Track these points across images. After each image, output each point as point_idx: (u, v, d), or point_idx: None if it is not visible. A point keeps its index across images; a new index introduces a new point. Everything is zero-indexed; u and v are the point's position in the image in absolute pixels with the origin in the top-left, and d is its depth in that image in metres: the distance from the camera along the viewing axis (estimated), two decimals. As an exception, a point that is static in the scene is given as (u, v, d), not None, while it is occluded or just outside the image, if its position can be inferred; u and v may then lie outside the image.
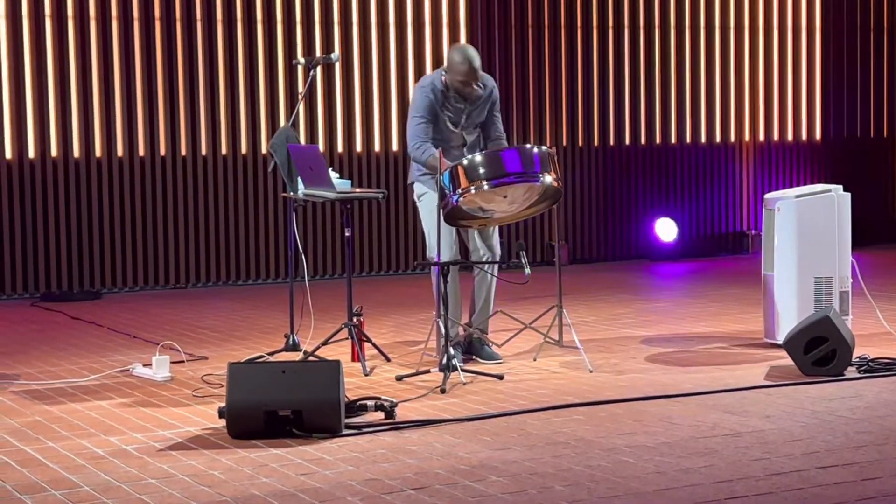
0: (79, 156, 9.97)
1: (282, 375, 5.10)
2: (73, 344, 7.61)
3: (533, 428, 5.22)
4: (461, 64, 6.55)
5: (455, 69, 6.58)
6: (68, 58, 9.90)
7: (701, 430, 5.11)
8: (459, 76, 6.58)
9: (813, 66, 12.68)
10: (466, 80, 6.58)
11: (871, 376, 6.15)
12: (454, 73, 6.58)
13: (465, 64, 6.55)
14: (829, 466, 4.53)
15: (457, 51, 6.64)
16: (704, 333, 7.66)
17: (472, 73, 6.57)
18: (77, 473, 4.60)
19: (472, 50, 6.64)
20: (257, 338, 7.71)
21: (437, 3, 11.06)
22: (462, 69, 6.56)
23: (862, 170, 12.74)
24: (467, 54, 6.58)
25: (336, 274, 10.76)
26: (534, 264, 7.80)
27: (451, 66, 6.61)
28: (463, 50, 6.62)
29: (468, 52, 6.60)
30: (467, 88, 6.62)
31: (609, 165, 11.87)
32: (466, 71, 6.56)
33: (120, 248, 10.12)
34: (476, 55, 6.61)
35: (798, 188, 7.21)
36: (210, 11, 10.30)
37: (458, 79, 6.59)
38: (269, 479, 4.49)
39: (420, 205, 6.87)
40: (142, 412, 5.64)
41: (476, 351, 6.80)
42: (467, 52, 6.60)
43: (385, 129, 10.93)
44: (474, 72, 6.57)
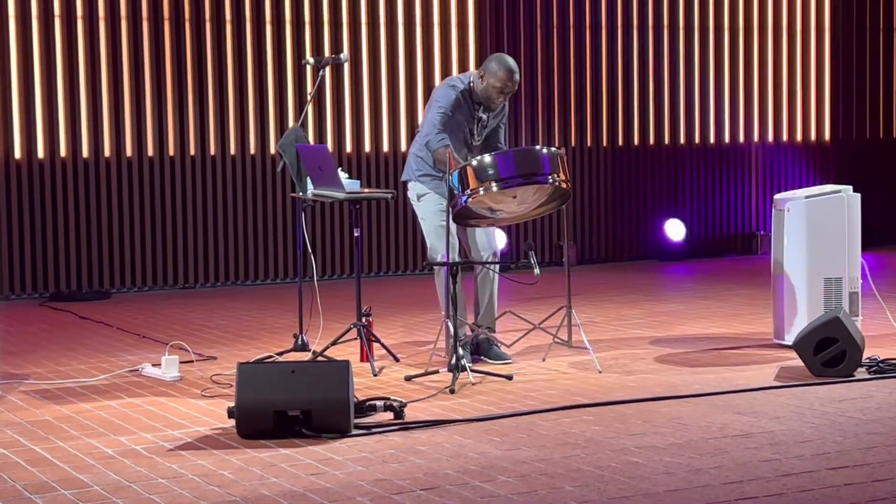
0: (88, 156, 9.98)
1: (291, 375, 5.10)
2: (83, 344, 7.62)
3: (542, 428, 5.22)
4: (505, 72, 6.61)
5: (496, 75, 6.62)
6: (77, 58, 9.91)
7: (711, 431, 5.11)
8: (498, 81, 6.62)
9: (822, 66, 12.66)
10: (503, 87, 6.63)
11: (881, 377, 6.13)
12: (494, 78, 6.62)
13: (508, 72, 6.60)
14: (839, 467, 4.52)
15: (500, 59, 6.68)
16: (714, 334, 7.65)
17: (512, 82, 6.63)
18: (87, 473, 4.61)
19: (514, 63, 6.69)
20: (266, 338, 7.71)
21: (447, 4, 11.05)
22: (503, 76, 6.60)
23: (871, 171, 12.71)
24: (510, 63, 6.64)
25: (345, 274, 10.77)
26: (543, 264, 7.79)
27: (491, 72, 6.64)
28: (506, 59, 6.67)
29: (510, 61, 6.66)
30: (500, 98, 6.67)
31: (618, 166, 11.86)
32: (507, 78, 6.60)
33: (129, 248, 10.13)
34: (517, 67, 6.67)
35: (808, 189, 7.20)
36: (219, 12, 10.30)
37: (496, 84, 6.62)
38: (279, 479, 4.49)
39: (419, 205, 6.88)
40: (151, 412, 5.65)
41: (484, 351, 6.80)
42: (510, 61, 6.66)
43: (394, 129, 10.94)
44: (514, 82, 6.64)
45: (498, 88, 6.64)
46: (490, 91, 6.66)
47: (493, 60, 6.69)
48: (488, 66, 6.67)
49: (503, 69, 6.61)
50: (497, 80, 6.62)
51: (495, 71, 6.62)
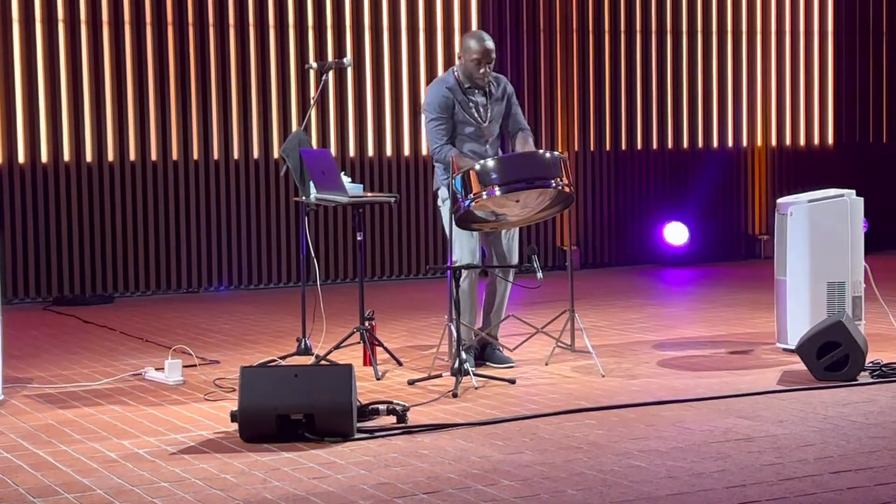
0: (91, 160, 9.99)
1: (294, 379, 5.11)
2: (86, 348, 7.63)
3: (545, 432, 5.22)
4: (476, 42, 6.65)
5: (470, 49, 6.66)
6: (81, 62, 9.93)
7: (714, 435, 5.10)
8: (474, 54, 6.64)
9: (825, 70, 12.66)
10: (480, 58, 6.64)
11: (884, 381, 6.13)
12: (469, 53, 6.65)
13: (481, 43, 6.64)
14: (842, 471, 4.52)
15: (470, 34, 6.79)
16: (717, 338, 7.64)
17: (487, 52, 6.64)
18: (90, 477, 4.61)
19: (486, 34, 6.75)
20: (269, 342, 7.71)
21: (450, 8, 11.06)
22: (477, 48, 6.63)
23: (874, 175, 12.70)
24: (480, 35, 6.71)
25: (348, 278, 10.77)
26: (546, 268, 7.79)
27: (465, 48, 6.69)
28: (478, 32, 6.77)
29: (482, 34, 6.73)
30: (480, 69, 6.65)
31: (621, 170, 11.86)
32: (482, 49, 6.63)
33: (132, 253, 10.13)
34: (490, 38, 6.70)
35: (811, 193, 7.20)
36: (222, 16, 10.32)
37: (472, 57, 6.64)
38: (282, 482, 4.49)
39: (442, 210, 6.88)
40: (154, 416, 5.65)
41: (488, 355, 6.80)
42: (482, 34, 6.73)
43: (397, 134, 10.94)
44: (488, 52, 6.65)
45: (476, 60, 6.65)
46: (470, 67, 6.68)
47: (465, 38, 6.76)
48: (463, 45, 6.74)
49: (474, 41, 6.66)
50: (472, 52, 6.64)
51: (468, 46, 6.67)
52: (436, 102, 6.72)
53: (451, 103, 6.71)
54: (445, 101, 6.70)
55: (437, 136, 6.72)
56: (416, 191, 11.00)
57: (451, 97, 6.71)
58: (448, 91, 6.71)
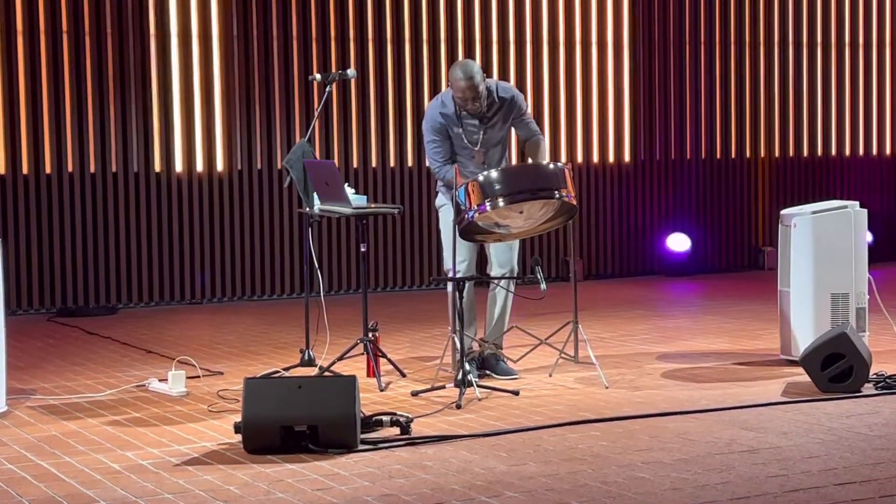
0: (95, 171, 10.00)
1: (298, 391, 5.11)
2: (89, 359, 7.63)
3: (549, 444, 5.21)
4: (459, 80, 6.51)
5: (454, 85, 6.56)
6: (85, 73, 9.94)
7: (717, 447, 5.10)
8: (458, 92, 6.55)
9: (828, 80, 12.66)
10: (465, 96, 6.53)
11: (888, 393, 6.12)
12: (454, 88, 6.56)
13: (463, 80, 6.50)
14: (846, 483, 4.52)
15: (456, 67, 6.60)
16: (720, 350, 7.64)
17: (471, 88, 6.49)
18: (93, 488, 4.61)
19: (472, 64, 6.58)
20: (273, 353, 7.71)
21: (453, 19, 11.07)
22: (460, 85, 6.51)
23: (878, 186, 12.70)
24: (465, 69, 6.52)
25: (351, 289, 10.77)
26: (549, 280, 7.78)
27: (451, 82, 6.59)
28: (461, 65, 6.58)
29: (466, 67, 6.55)
30: (468, 105, 6.60)
31: (624, 181, 11.86)
32: (464, 87, 6.50)
33: (136, 264, 10.14)
34: (474, 70, 6.51)
35: (814, 204, 7.20)
36: (227, 27, 10.34)
37: (458, 95, 6.56)
38: (285, 494, 4.49)
39: (440, 215, 6.88)
40: (158, 427, 5.65)
41: (491, 366, 6.79)
42: (465, 67, 6.55)
43: (400, 145, 10.95)
44: (473, 88, 6.49)
45: (461, 98, 6.56)
46: (458, 100, 6.62)
47: (451, 72, 6.60)
48: (449, 77, 6.62)
49: (457, 79, 6.51)
50: (457, 90, 6.55)
51: (452, 81, 6.56)
52: (430, 127, 6.71)
53: (444, 127, 6.68)
54: (440, 126, 6.68)
55: (435, 156, 6.71)
56: (419, 202, 11.01)
57: (444, 123, 6.67)
58: (441, 116, 6.67)
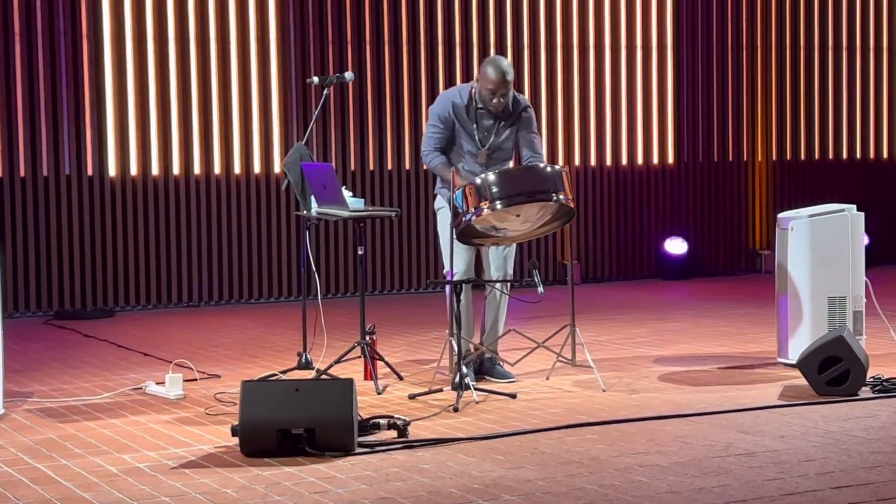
0: (92, 174, 10.00)
1: (295, 394, 5.10)
2: (87, 362, 7.62)
3: (546, 447, 5.21)
4: (493, 73, 6.57)
5: (486, 77, 6.59)
6: (82, 74, 9.94)
7: (715, 450, 5.10)
8: (489, 84, 6.58)
9: (825, 83, 12.67)
10: (495, 88, 6.58)
11: (885, 396, 6.13)
12: (485, 80, 6.60)
13: (498, 73, 6.56)
14: (843, 486, 4.52)
15: (491, 61, 6.68)
16: (718, 353, 7.64)
17: (503, 84, 6.57)
18: (90, 491, 4.61)
19: (506, 62, 6.68)
20: (270, 356, 7.71)
21: (451, 22, 11.08)
22: (493, 77, 6.56)
23: (876, 190, 12.71)
24: (501, 65, 6.61)
25: (349, 292, 10.77)
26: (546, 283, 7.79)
27: (483, 75, 6.63)
28: (497, 61, 6.67)
29: (502, 63, 6.64)
30: (493, 99, 6.61)
31: (621, 184, 11.86)
32: (497, 80, 6.56)
33: (133, 267, 10.13)
34: (509, 69, 6.63)
35: (811, 208, 7.20)
36: (224, 30, 10.34)
37: (487, 87, 6.59)
38: (283, 497, 4.49)
39: (438, 218, 6.88)
40: (155, 430, 5.65)
41: (488, 370, 6.79)
42: (501, 63, 6.64)
43: (398, 148, 10.95)
44: (505, 83, 6.57)
45: (490, 90, 6.60)
46: (484, 94, 6.64)
47: (485, 64, 6.67)
48: (482, 70, 6.66)
49: (492, 71, 6.57)
50: (488, 82, 6.59)
51: (486, 73, 6.60)
52: (437, 112, 6.74)
53: (451, 120, 6.70)
54: (446, 117, 6.70)
55: (430, 141, 6.74)
56: (417, 205, 11.01)
57: (451, 115, 6.69)
58: (453, 108, 6.70)
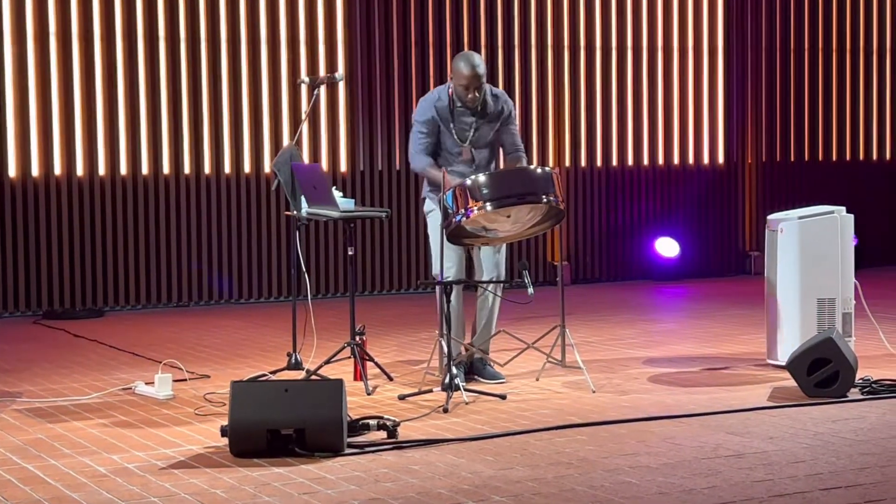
0: (83, 174, 9.98)
1: (284, 394, 5.10)
2: (76, 362, 7.61)
3: (536, 448, 5.21)
4: (464, 68, 6.58)
5: (458, 73, 6.61)
6: (73, 76, 9.92)
7: (704, 451, 5.11)
8: (462, 80, 6.60)
9: (815, 85, 12.69)
10: (468, 83, 6.58)
11: (874, 398, 6.14)
12: (457, 77, 6.61)
13: (469, 68, 6.57)
14: (832, 488, 4.52)
15: (462, 56, 6.68)
16: (707, 354, 7.65)
17: (475, 77, 6.57)
18: (79, 491, 4.60)
19: (477, 57, 6.67)
20: (260, 356, 7.70)
21: (441, 23, 11.08)
22: (465, 73, 6.57)
23: (865, 192, 12.73)
24: (470, 59, 6.61)
25: (339, 293, 10.76)
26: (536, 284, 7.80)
27: (455, 71, 6.65)
28: (467, 56, 6.67)
29: (472, 58, 6.64)
30: (468, 94, 6.62)
31: (611, 186, 11.87)
32: (469, 75, 6.57)
33: (123, 267, 10.12)
34: (481, 63, 6.62)
35: (801, 209, 7.21)
36: (214, 31, 10.32)
37: (460, 83, 6.61)
38: (272, 498, 4.49)
39: (428, 220, 6.88)
40: (144, 430, 5.64)
41: (478, 371, 6.79)
42: (471, 57, 6.64)
43: (388, 148, 10.95)
44: (477, 77, 6.58)
45: (463, 86, 6.61)
46: (458, 90, 6.65)
47: (457, 59, 6.68)
48: (454, 66, 6.68)
49: (464, 66, 6.58)
50: (461, 77, 6.60)
51: (458, 69, 6.61)
52: (420, 119, 6.74)
53: (435, 122, 6.70)
54: (431, 120, 6.70)
55: (416, 144, 6.75)
56: (407, 206, 11.01)
57: (435, 117, 6.70)
58: (436, 111, 6.70)
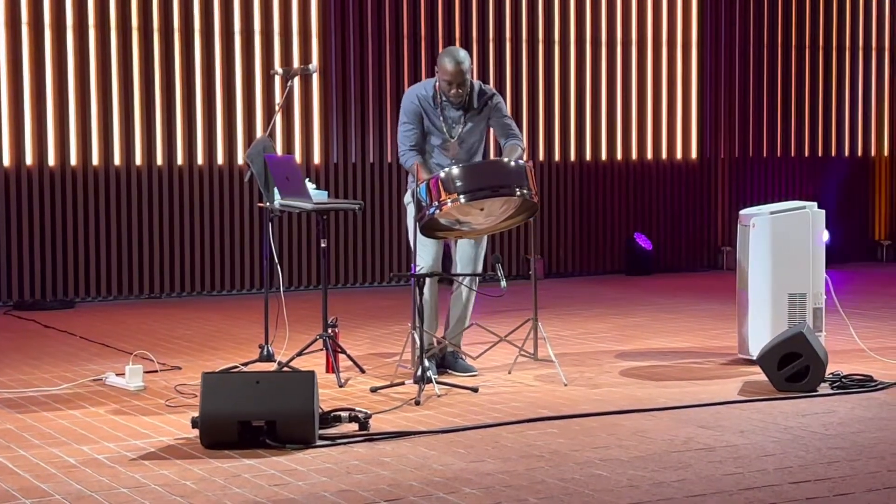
0: (54, 165, 9.93)
1: (256, 386, 5.09)
2: (46, 352, 7.57)
3: (507, 441, 5.22)
4: (448, 64, 6.60)
5: (442, 68, 6.62)
6: (45, 65, 9.87)
7: (674, 445, 5.12)
8: (446, 76, 6.61)
9: (788, 81, 12.75)
10: (451, 79, 6.60)
11: (843, 392, 6.17)
12: (441, 72, 6.63)
13: (453, 64, 6.59)
14: (801, 482, 4.55)
15: (447, 52, 6.71)
16: (679, 348, 7.67)
17: (459, 73, 6.59)
18: (48, 482, 4.58)
19: (463, 53, 6.68)
20: (232, 348, 7.68)
21: (416, 17, 11.07)
22: (449, 69, 6.59)
23: (837, 187, 12.80)
24: (455, 55, 6.63)
25: (311, 285, 10.74)
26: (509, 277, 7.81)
27: (439, 66, 6.66)
28: (452, 51, 6.69)
29: (457, 54, 6.66)
30: (452, 90, 6.63)
31: (585, 180, 11.90)
32: (454, 70, 6.58)
33: (94, 257, 10.08)
34: (465, 59, 6.64)
35: (773, 204, 7.24)
36: (188, 22, 10.28)
37: (444, 78, 6.62)
38: (242, 489, 4.47)
39: (408, 211, 6.87)
40: (114, 421, 5.62)
41: (450, 364, 6.80)
42: (456, 53, 6.66)
43: (362, 140, 10.93)
44: (461, 73, 6.59)
45: (447, 81, 6.63)
46: (443, 86, 6.67)
47: (442, 55, 6.70)
48: (439, 62, 6.69)
49: (448, 62, 6.60)
50: (445, 73, 6.62)
51: (443, 65, 6.63)
52: (405, 109, 6.75)
53: (419, 112, 6.71)
54: (414, 110, 6.71)
55: (404, 140, 6.74)
56: (380, 198, 11.00)
57: (419, 107, 6.71)
58: (418, 100, 6.71)
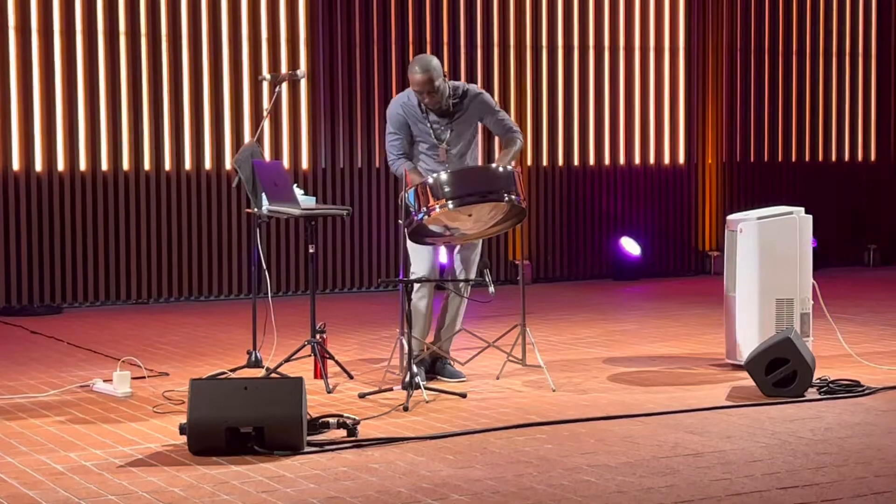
0: (41, 170, 9.91)
1: (244, 392, 5.08)
2: (33, 358, 7.55)
3: (495, 447, 5.22)
4: (415, 73, 6.57)
5: (412, 79, 6.60)
6: (32, 71, 9.85)
7: (662, 450, 5.13)
8: (415, 86, 6.59)
9: (775, 86, 12.78)
10: (420, 88, 6.57)
11: (831, 398, 6.18)
12: (412, 83, 6.61)
13: (417, 73, 6.56)
14: (789, 487, 4.56)
15: (416, 61, 6.65)
16: (667, 354, 7.68)
17: (427, 82, 6.54)
18: (36, 489, 4.57)
19: (429, 61, 6.60)
20: (219, 354, 7.67)
21: (404, 22, 11.07)
22: (416, 79, 6.56)
23: (824, 193, 12.83)
24: (420, 63, 6.58)
25: (299, 291, 10.74)
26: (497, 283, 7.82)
27: (410, 77, 6.63)
28: (418, 59, 6.64)
29: (422, 61, 6.59)
30: (425, 98, 6.62)
31: (573, 186, 11.91)
32: (421, 80, 6.55)
33: (81, 263, 10.05)
34: (430, 66, 6.55)
35: (760, 210, 7.25)
36: (175, 28, 10.27)
37: (415, 88, 6.61)
38: (230, 496, 4.47)
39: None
40: (102, 428, 5.60)
41: (438, 369, 6.80)
42: (422, 61, 6.60)
43: (350, 146, 10.93)
44: (429, 81, 6.54)
45: (417, 91, 6.61)
46: (416, 95, 6.66)
47: (411, 65, 6.65)
48: (409, 71, 6.66)
49: (412, 72, 6.58)
50: (414, 84, 6.60)
51: (411, 75, 6.60)
52: (390, 118, 6.75)
53: (404, 121, 6.71)
54: (399, 119, 6.71)
55: (391, 149, 6.75)
56: (368, 204, 11.00)
57: (403, 115, 6.70)
58: (401, 108, 6.71)
